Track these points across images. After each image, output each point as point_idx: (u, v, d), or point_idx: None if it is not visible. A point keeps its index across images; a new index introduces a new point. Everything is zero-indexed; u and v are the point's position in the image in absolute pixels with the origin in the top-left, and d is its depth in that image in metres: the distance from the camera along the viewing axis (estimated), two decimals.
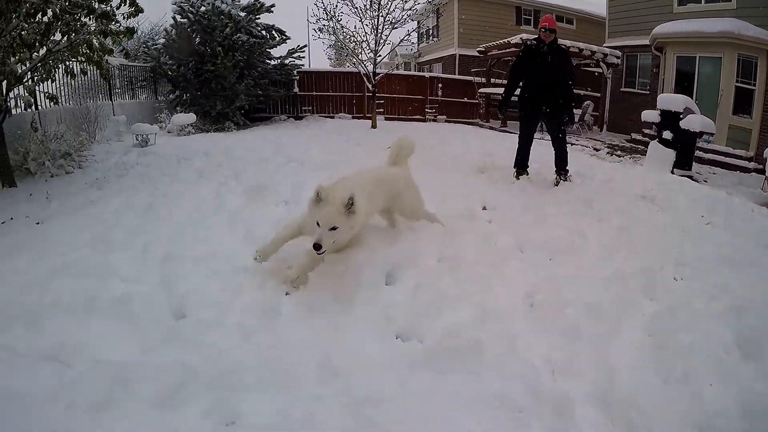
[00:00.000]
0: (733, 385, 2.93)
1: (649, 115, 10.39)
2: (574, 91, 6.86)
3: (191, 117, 13.34)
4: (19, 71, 6.53)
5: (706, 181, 9.65)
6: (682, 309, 3.60)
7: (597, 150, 12.15)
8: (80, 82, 11.22)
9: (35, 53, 6.79)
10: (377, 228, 4.40)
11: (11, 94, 6.86)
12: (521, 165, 7.10)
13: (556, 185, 6.94)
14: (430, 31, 28.86)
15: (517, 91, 7.13)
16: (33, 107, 7.62)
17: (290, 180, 6.53)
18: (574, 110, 15.74)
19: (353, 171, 4.14)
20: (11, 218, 5.40)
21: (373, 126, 14.64)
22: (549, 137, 7.18)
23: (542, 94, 6.70)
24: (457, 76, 20.48)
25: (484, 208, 5.76)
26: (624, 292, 3.73)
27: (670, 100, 10.10)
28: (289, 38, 15.84)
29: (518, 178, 7.02)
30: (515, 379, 2.61)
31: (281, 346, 2.84)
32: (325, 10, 15.18)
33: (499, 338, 2.99)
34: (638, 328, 3.35)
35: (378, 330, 3.06)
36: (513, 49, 15.93)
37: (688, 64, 14.01)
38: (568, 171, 7.07)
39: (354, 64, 16.03)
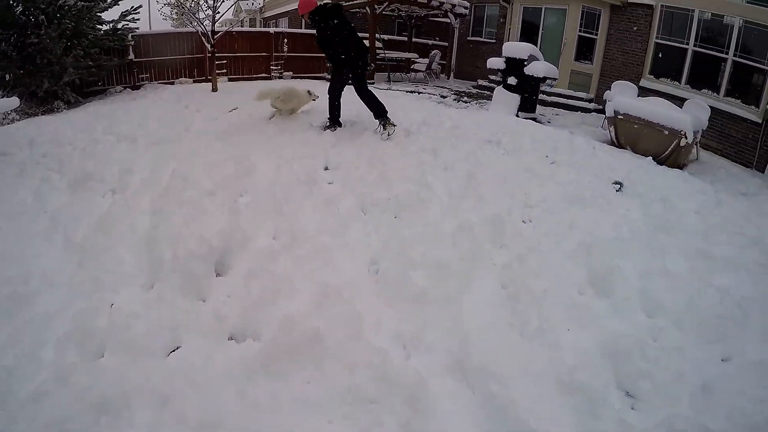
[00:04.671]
0: (589, 327, 2.95)
1: (495, 62, 10.76)
2: (415, 40, 6.75)
3: (14, 101, 11.28)
4: None
5: (549, 122, 10.26)
6: (532, 254, 3.57)
7: (444, 97, 12.44)
8: None
9: None
10: (206, 211, 3.99)
11: None
12: (334, 118, 7.27)
13: (384, 134, 6.90)
14: None
15: None
16: None
17: (118, 164, 5.69)
18: (422, 59, 16.13)
19: None
20: None
21: (214, 89, 13.61)
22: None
23: (339, 51, 6.91)
24: (303, 31, 19.76)
25: (327, 168, 5.41)
26: (473, 244, 3.62)
27: (515, 47, 10.53)
28: None
29: (332, 129, 7.10)
30: (363, 368, 2.39)
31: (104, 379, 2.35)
32: None
33: (341, 322, 2.73)
34: (491, 280, 3.26)
35: (210, 333, 2.70)
36: (361, 0, 15.60)
37: (534, 15, 14.94)
38: (386, 117, 6.98)
39: (192, 23, 14.69)
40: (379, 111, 6.94)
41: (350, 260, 3.48)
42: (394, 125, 6.83)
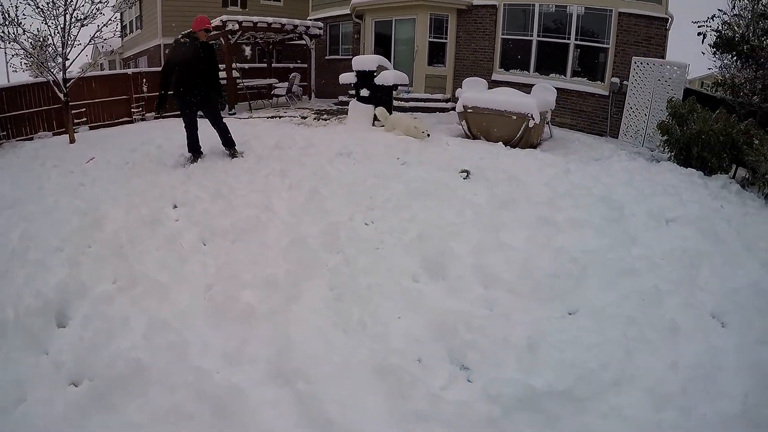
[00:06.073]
0: (422, 311, 3.06)
1: (347, 77, 11.14)
2: (276, 65, 6.86)
3: None
4: None
5: None
6: (363, 254, 3.69)
7: (305, 118, 12.59)
8: None
9: None
10: (48, 268, 3.82)
11: None
12: (194, 150, 7.69)
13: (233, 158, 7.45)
14: (134, 23, 26.77)
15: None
16: None
17: None
18: (282, 84, 16.25)
19: None
20: None
21: (72, 141, 12.78)
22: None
23: (196, 86, 7.33)
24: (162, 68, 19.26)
25: (175, 206, 5.31)
26: (304, 255, 3.68)
27: (363, 60, 10.97)
28: None
29: (196, 161, 7.48)
30: (182, 389, 2.46)
31: None
32: (2, 13, 12.55)
33: (166, 350, 2.75)
34: (322, 286, 3.34)
35: (51, 382, 2.68)
36: (216, 32, 15.43)
37: (385, 27, 15.70)
38: (234, 147, 7.66)
39: (42, 73, 13.74)
40: (227, 142, 7.53)
41: (186, 292, 3.46)
42: (242, 154, 7.46)
